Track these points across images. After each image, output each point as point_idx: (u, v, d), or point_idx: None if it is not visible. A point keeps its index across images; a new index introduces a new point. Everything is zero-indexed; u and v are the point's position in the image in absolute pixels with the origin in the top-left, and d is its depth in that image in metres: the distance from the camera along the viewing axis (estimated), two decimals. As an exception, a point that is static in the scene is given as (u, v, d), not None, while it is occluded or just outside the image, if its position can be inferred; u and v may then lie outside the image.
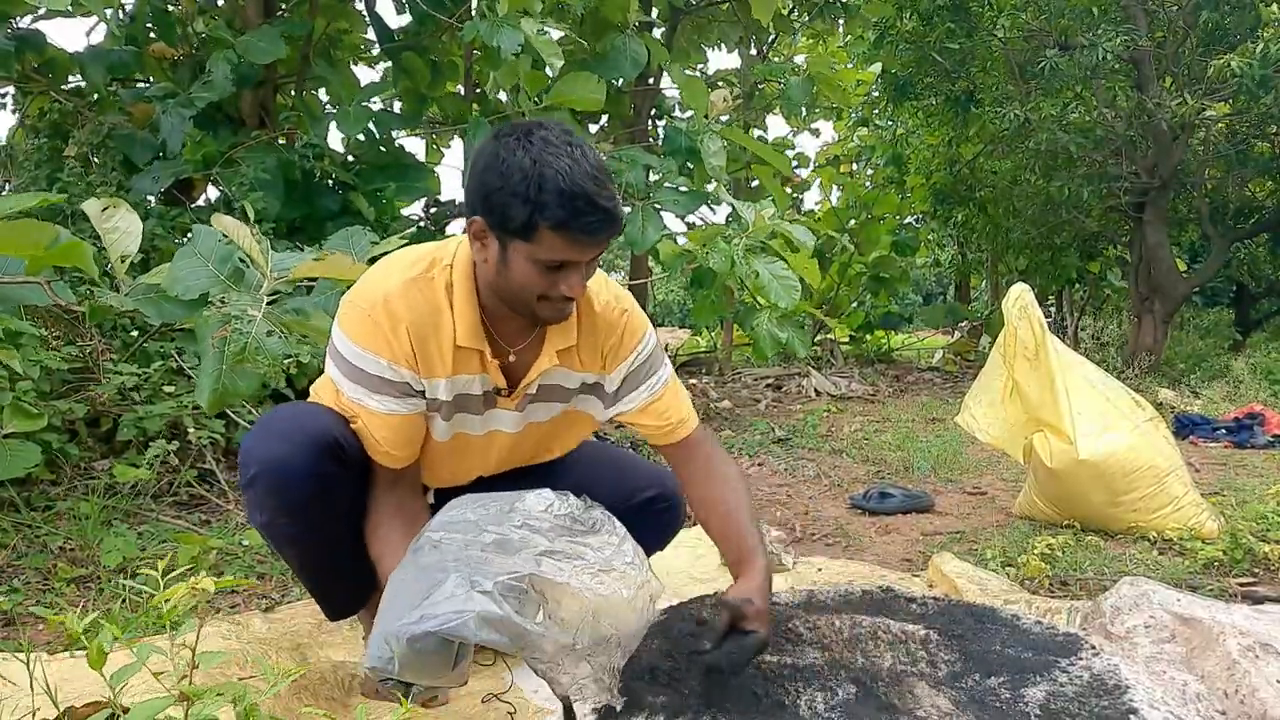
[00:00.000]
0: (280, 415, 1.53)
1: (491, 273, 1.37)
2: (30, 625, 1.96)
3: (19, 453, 2.37)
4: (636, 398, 1.60)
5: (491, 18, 3.77)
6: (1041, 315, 2.82)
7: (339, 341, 1.44)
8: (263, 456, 1.43)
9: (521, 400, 1.54)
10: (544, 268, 1.32)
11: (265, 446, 1.44)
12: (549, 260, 1.31)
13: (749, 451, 4.33)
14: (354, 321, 1.42)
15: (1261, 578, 2.31)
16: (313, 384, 1.64)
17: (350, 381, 1.44)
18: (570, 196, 1.25)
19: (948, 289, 14.72)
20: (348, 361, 1.43)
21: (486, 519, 1.25)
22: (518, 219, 1.27)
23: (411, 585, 1.16)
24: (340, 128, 4.65)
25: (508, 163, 1.27)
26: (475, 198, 1.33)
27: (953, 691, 1.43)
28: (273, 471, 1.42)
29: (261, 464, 1.43)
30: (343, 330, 1.43)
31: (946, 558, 2.33)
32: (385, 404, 1.44)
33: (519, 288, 1.35)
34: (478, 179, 1.32)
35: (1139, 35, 6.83)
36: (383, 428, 1.45)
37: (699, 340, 10.21)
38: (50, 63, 4.59)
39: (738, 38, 7.68)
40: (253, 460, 1.43)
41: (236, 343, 2.03)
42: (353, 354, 1.42)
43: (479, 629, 1.07)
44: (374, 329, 1.40)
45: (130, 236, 2.20)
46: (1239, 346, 9.97)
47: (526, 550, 1.20)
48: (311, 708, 1.45)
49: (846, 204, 10.45)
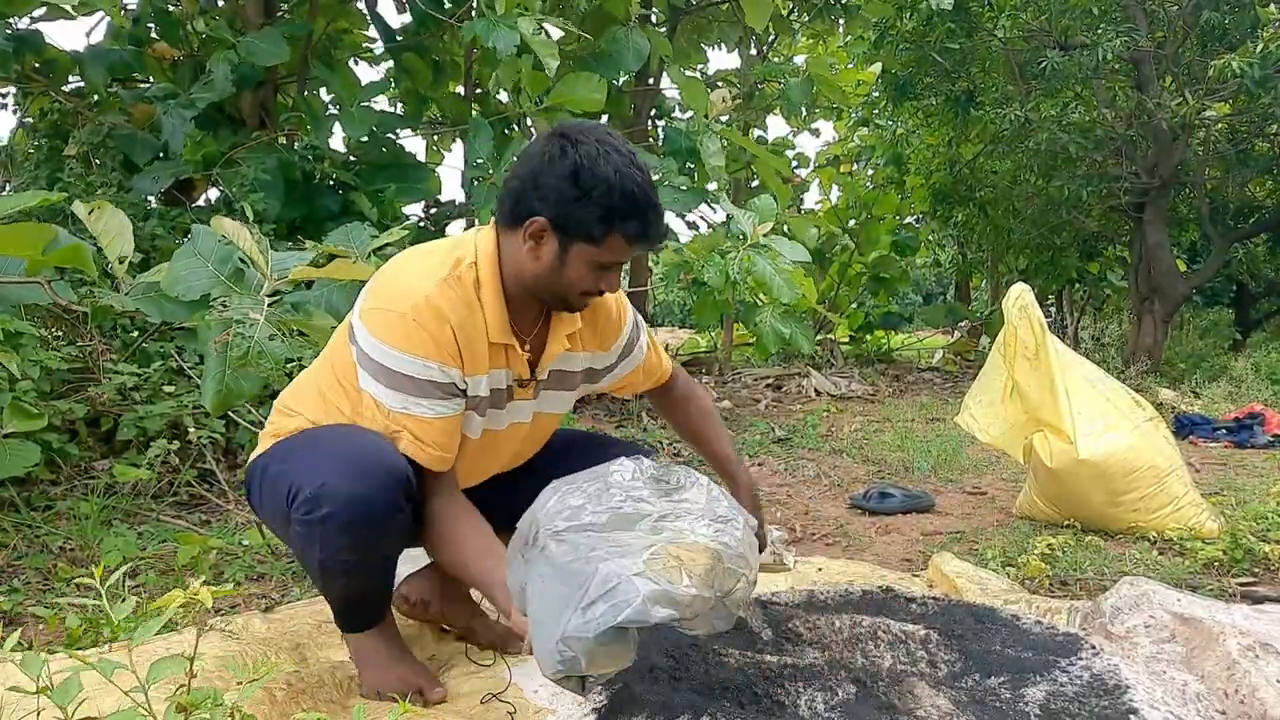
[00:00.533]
0: (345, 443, 1.43)
1: (541, 270, 1.44)
2: (30, 625, 1.96)
3: (19, 453, 2.37)
4: (631, 363, 1.75)
5: (490, 16, 3.77)
6: (1042, 315, 2.82)
7: (375, 351, 1.40)
8: (342, 495, 1.35)
9: (536, 389, 1.59)
10: (598, 267, 1.43)
11: (342, 483, 1.36)
12: (608, 261, 1.43)
13: (749, 451, 4.33)
14: (393, 327, 1.39)
15: (1261, 578, 2.31)
16: (286, 403, 1.59)
17: (392, 390, 1.40)
18: (645, 209, 1.39)
19: (948, 289, 14.72)
20: (389, 370, 1.39)
21: (590, 501, 1.24)
22: (593, 226, 1.38)
23: (559, 586, 1.16)
24: (344, 128, 4.66)
25: (591, 173, 1.36)
26: (541, 202, 1.39)
27: (953, 691, 1.43)
28: (353, 511, 1.36)
29: (340, 503, 1.35)
30: (380, 338, 1.40)
31: (946, 558, 2.33)
32: (434, 408, 1.42)
33: (569, 285, 1.44)
34: (549, 190, 1.38)
35: (1139, 35, 6.83)
36: (434, 432, 1.43)
37: (699, 340, 10.20)
38: (50, 63, 4.59)
39: (737, 38, 7.68)
40: (329, 498, 1.35)
41: (239, 347, 2.04)
42: (396, 361, 1.39)
43: (653, 609, 1.08)
44: (418, 332, 1.38)
45: (123, 236, 2.20)
46: (1239, 346, 9.97)
47: (644, 521, 1.21)
48: (309, 712, 1.45)
49: (846, 204, 10.44)
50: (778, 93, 6.92)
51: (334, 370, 1.54)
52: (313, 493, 1.36)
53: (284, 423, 1.57)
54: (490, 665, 1.68)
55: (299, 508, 1.38)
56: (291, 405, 1.58)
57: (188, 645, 1.08)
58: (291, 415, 1.57)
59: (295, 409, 1.57)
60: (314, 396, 1.56)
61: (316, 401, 1.55)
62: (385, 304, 1.41)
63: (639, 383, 1.82)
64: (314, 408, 1.54)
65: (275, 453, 1.52)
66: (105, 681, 1.01)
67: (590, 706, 1.45)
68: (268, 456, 1.53)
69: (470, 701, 1.52)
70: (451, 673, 1.64)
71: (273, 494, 1.47)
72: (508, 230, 1.47)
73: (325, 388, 1.55)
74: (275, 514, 1.49)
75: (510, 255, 1.47)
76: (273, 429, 1.59)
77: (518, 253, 1.45)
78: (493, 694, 1.54)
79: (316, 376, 1.59)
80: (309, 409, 1.55)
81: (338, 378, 1.53)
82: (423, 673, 1.56)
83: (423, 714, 1.47)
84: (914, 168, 10.09)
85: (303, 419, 1.54)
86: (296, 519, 1.39)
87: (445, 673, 1.65)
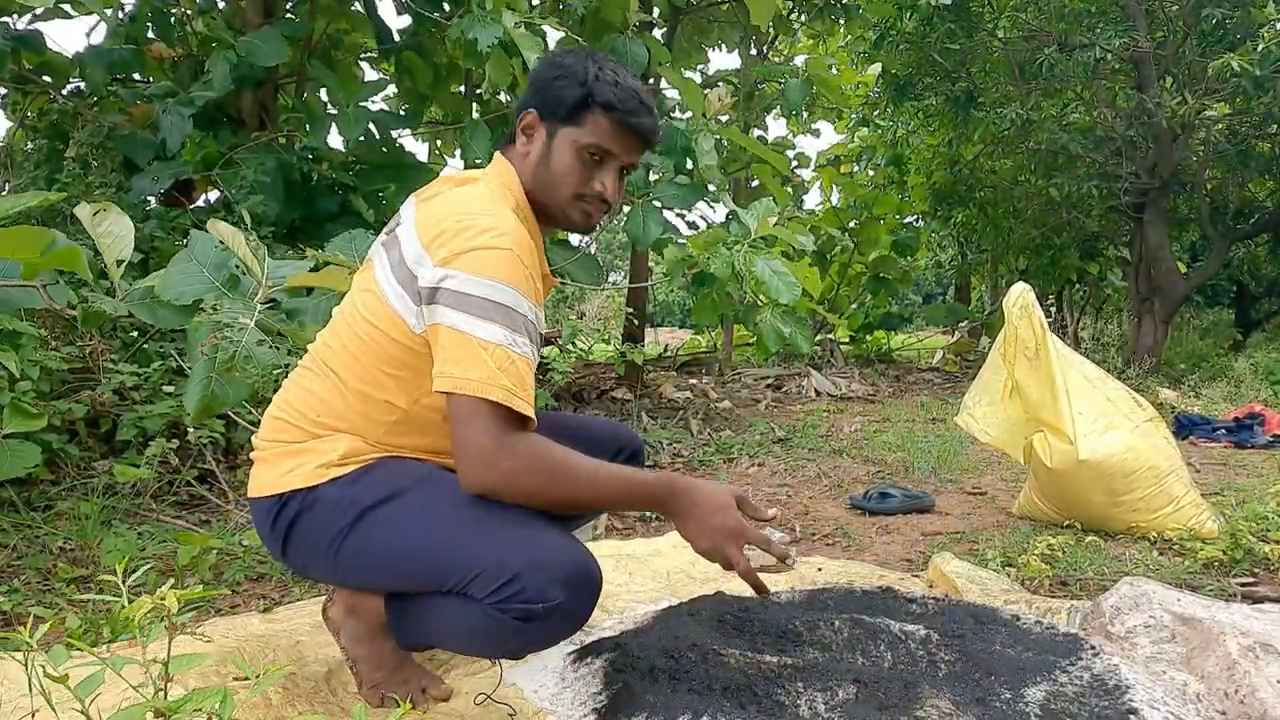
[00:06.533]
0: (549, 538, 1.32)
1: (534, 166, 1.44)
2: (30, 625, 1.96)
3: (19, 453, 2.37)
4: None
5: (477, 13, 3.78)
6: (1042, 315, 2.82)
7: (482, 287, 1.28)
8: (580, 554, 1.31)
9: None
10: (586, 156, 1.41)
11: (586, 592, 1.30)
12: (592, 146, 1.40)
13: (749, 451, 4.33)
14: (502, 264, 1.29)
15: (1261, 578, 2.31)
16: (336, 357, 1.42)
17: (498, 325, 1.28)
18: (622, 88, 1.40)
19: (948, 289, 14.71)
20: (499, 305, 1.28)
21: None
22: (570, 100, 1.39)
23: None
24: (339, 129, 4.65)
25: (568, 61, 1.42)
26: (530, 93, 1.45)
27: (953, 691, 1.43)
28: (579, 619, 1.33)
29: (568, 614, 1.30)
30: (488, 275, 1.28)
31: (947, 558, 2.33)
32: (530, 349, 1.32)
33: (559, 178, 1.42)
34: (536, 79, 1.45)
35: (1139, 35, 6.83)
36: (525, 376, 1.31)
37: (699, 340, 10.21)
38: (49, 64, 4.59)
39: (738, 38, 7.68)
40: (581, 608, 1.31)
41: (226, 351, 1.99)
42: (507, 296, 1.29)
43: None
44: (522, 271, 1.32)
45: (124, 240, 2.18)
46: (1239, 346, 9.97)
47: None
48: (307, 713, 1.45)
49: (847, 204, 10.45)
50: (778, 93, 6.92)
51: (376, 364, 1.38)
52: (571, 595, 1.28)
53: (328, 445, 1.40)
54: (490, 666, 1.68)
55: (510, 601, 1.27)
56: (323, 422, 1.41)
57: (188, 646, 1.08)
58: (335, 434, 1.41)
59: (330, 427, 1.41)
60: (345, 405, 1.41)
61: (355, 405, 1.40)
62: (485, 243, 1.30)
63: None
64: (352, 418, 1.41)
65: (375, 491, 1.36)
66: (103, 681, 1.01)
67: (590, 706, 1.45)
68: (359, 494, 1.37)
69: (469, 701, 1.51)
70: (451, 673, 1.64)
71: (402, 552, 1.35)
72: (513, 147, 1.47)
73: (362, 386, 1.40)
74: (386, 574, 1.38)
75: (518, 170, 1.45)
76: (317, 454, 1.40)
77: (519, 162, 1.45)
78: (487, 694, 1.54)
79: (339, 379, 1.41)
80: (347, 422, 1.41)
81: (381, 370, 1.38)
82: (424, 672, 1.55)
83: (423, 714, 1.47)
84: (914, 168, 10.10)
85: (348, 437, 1.40)
86: (507, 610, 1.27)
87: (445, 673, 1.64)
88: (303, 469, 1.39)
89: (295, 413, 1.43)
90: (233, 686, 1.43)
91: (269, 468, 1.43)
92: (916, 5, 7.26)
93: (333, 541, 1.37)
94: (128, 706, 0.97)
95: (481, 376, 1.26)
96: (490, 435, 1.27)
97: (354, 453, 1.40)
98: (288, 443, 1.43)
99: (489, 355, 1.27)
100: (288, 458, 1.41)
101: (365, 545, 1.36)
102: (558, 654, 1.70)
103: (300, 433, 1.42)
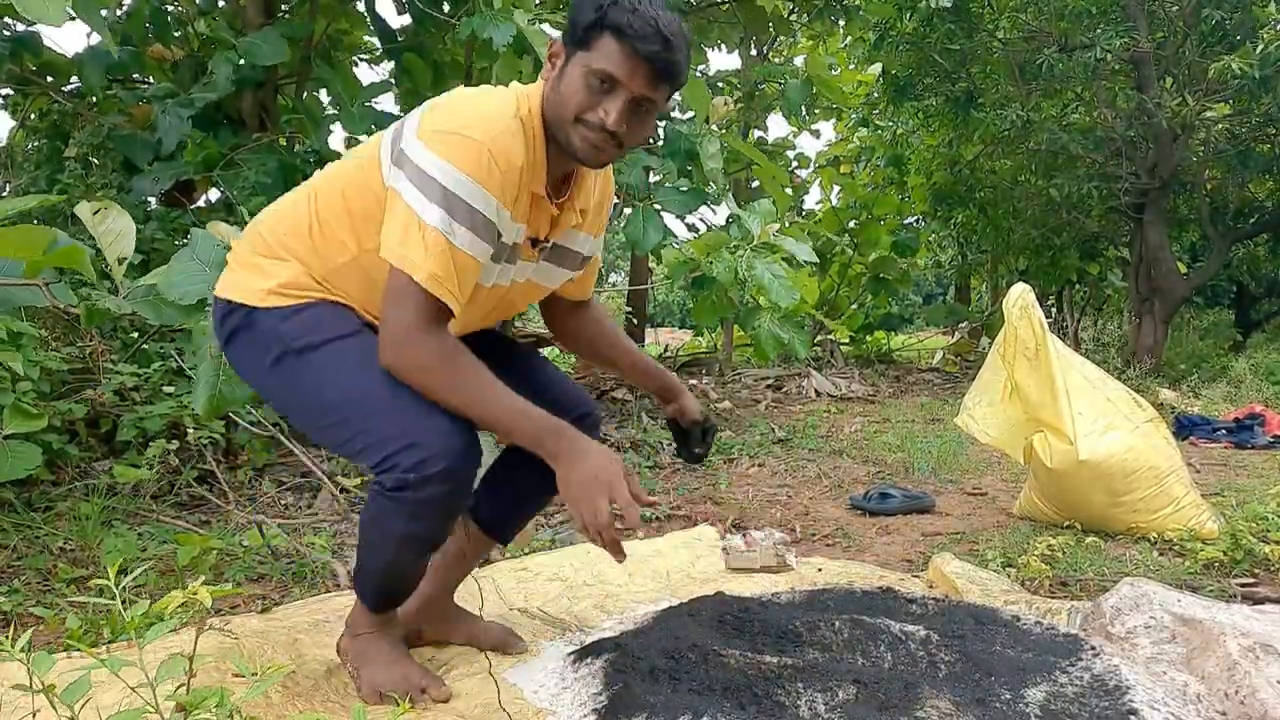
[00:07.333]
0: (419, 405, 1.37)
1: (550, 88, 1.41)
2: (30, 625, 1.96)
3: (19, 453, 2.36)
4: (591, 260, 1.71)
5: (486, 13, 3.78)
6: (1042, 315, 2.82)
7: (440, 170, 1.32)
8: (451, 448, 1.35)
9: (540, 255, 1.56)
10: (595, 82, 1.36)
11: (444, 432, 1.35)
12: (600, 71, 1.36)
13: (749, 452, 4.33)
14: (467, 152, 1.33)
15: (1262, 578, 2.31)
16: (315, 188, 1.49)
17: (443, 211, 1.32)
18: (639, 14, 1.33)
19: (948, 290, 14.72)
20: (449, 191, 1.32)
21: None
22: (584, 23, 1.36)
23: None
24: (344, 126, 4.65)
25: None
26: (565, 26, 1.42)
27: (953, 692, 1.43)
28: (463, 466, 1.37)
29: (451, 456, 1.35)
30: (449, 160, 1.32)
31: (947, 558, 2.33)
32: (474, 246, 1.35)
33: (565, 99, 1.38)
34: (573, 6, 1.40)
35: (1139, 35, 6.83)
36: (456, 269, 1.34)
37: (699, 341, 10.20)
38: (50, 64, 4.59)
39: (738, 38, 7.68)
40: (440, 452, 1.34)
41: None
42: (461, 186, 1.32)
43: None
44: (489, 166, 1.34)
45: (125, 239, 2.18)
46: (1239, 347, 9.97)
47: None
48: (306, 712, 1.45)
49: (846, 204, 10.45)
50: (778, 93, 6.92)
51: (345, 200, 1.45)
52: (418, 454, 1.33)
53: (275, 268, 1.47)
54: (490, 666, 1.68)
55: (391, 472, 1.34)
56: (283, 241, 1.48)
57: (187, 645, 1.08)
58: (283, 260, 1.47)
59: (286, 249, 1.48)
60: (308, 231, 1.47)
61: (315, 233, 1.46)
62: (460, 128, 1.34)
63: (579, 288, 1.75)
64: (306, 248, 1.47)
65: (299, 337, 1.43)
66: (104, 681, 1.01)
67: (590, 707, 1.45)
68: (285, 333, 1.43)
69: (470, 702, 1.51)
70: (452, 674, 1.64)
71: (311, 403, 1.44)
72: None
73: (328, 216, 1.46)
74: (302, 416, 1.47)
75: (542, 91, 1.44)
76: (264, 274, 1.47)
77: (542, 85, 1.44)
78: (495, 688, 1.54)
79: (316, 204, 1.48)
80: (301, 250, 1.47)
81: (348, 208, 1.45)
82: (424, 672, 1.55)
83: (423, 714, 1.47)
84: (914, 168, 10.10)
85: (296, 266, 1.47)
86: (387, 487, 1.36)
87: (445, 673, 1.64)
88: (249, 285, 1.48)
89: (267, 227, 1.52)
90: (232, 685, 1.43)
91: (229, 272, 1.54)
92: (916, 6, 7.26)
93: (262, 368, 1.47)
94: (127, 709, 0.97)
95: (417, 257, 1.32)
96: (408, 319, 1.34)
97: (295, 284, 1.46)
98: (249, 253, 1.52)
99: (426, 237, 1.32)
100: (242, 269, 1.51)
101: (290, 383, 1.46)
102: (558, 654, 1.71)
103: (264, 246, 1.50)
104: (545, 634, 1.85)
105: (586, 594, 2.14)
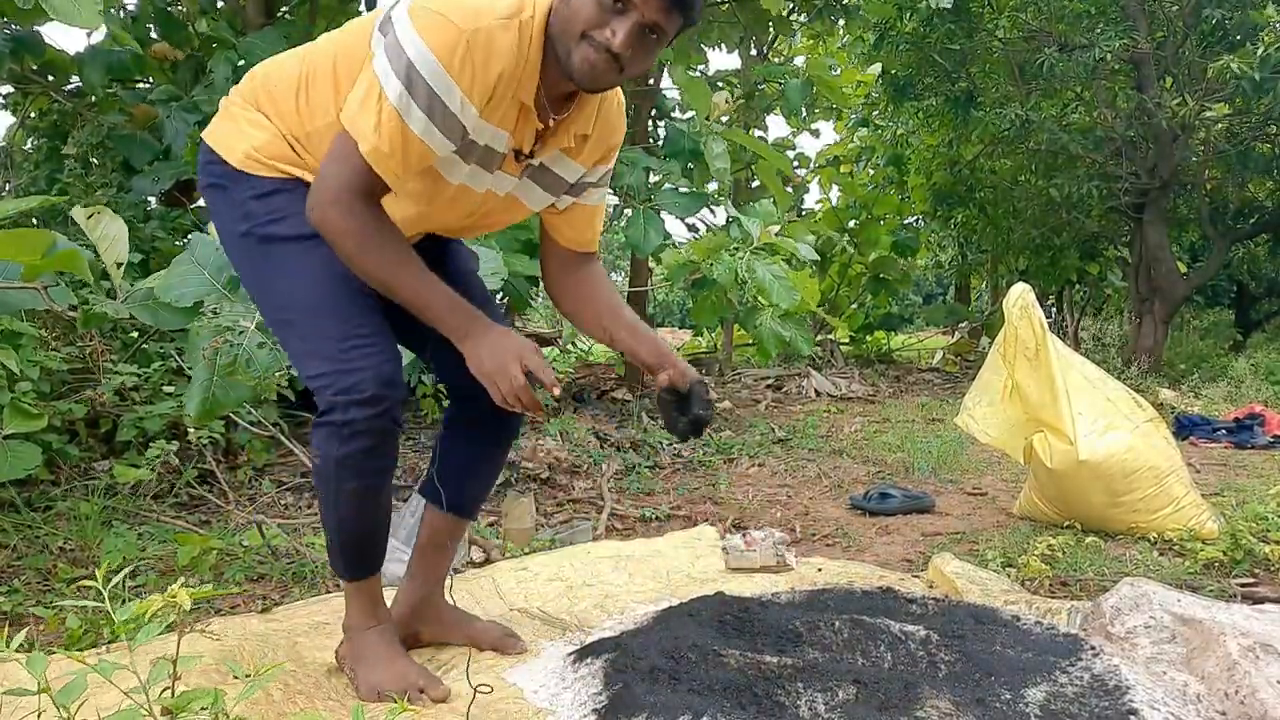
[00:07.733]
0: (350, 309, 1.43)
1: (559, 1, 1.37)
2: (30, 625, 1.96)
3: (19, 453, 2.36)
4: (591, 197, 1.66)
5: None
6: (1042, 315, 2.82)
7: (414, 47, 1.30)
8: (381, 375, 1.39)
9: (524, 170, 1.54)
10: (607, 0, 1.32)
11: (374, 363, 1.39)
12: None
13: (749, 452, 4.33)
14: (445, 37, 1.31)
15: (1262, 578, 2.31)
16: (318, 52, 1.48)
17: (404, 87, 1.31)
18: None
19: (948, 289, 14.72)
20: (414, 69, 1.30)
21: None
22: None
23: None
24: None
25: None
26: None
27: (953, 692, 1.43)
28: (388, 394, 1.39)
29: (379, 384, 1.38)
30: (427, 41, 1.30)
31: (947, 558, 2.33)
32: (428, 133, 1.34)
33: (575, 12, 1.34)
34: None
35: (1139, 36, 6.83)
36: (404, 150, 1.34)
37: (699, 341, 10.20)
38: (49, 64, 4.59)
39: (738, 38, 7.68)
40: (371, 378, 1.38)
41: (227, 355, 2.02)
42: (427, 66, 1.30)
43: None
44: (465, 56, 1.31)
45: (120, 242, 2.19)
46: (1239, 347, 9.97)
47: None
48: (305, 711, 1.45)
49: (846, 204, 10.44)
50: (778, 93, 6.92)
51: (334, 63, 1.45)
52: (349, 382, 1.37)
53: (253, 130, 1.48)
54: (490, 667, 1.68)
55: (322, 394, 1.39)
56: (271, 94, 1.48)
57: (187, 646, 1.08)
58: (264, 120, 1.48)
59: (272, 102, 1.48)
60: (295, 88, 1.46)
61: (293, 98, 1.46)
62: (448, 11, 1.32)
63: (572, 239, 1.68)
64: (290, 105, 1.46)
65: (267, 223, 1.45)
66: (104, 681, 1.01)
67: (590, 707, 1.45)
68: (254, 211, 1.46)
69: (466, 702, 1.51)
70: (451, 674, 1.64)
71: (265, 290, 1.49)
72: None
73: (317, 76, 1.46)
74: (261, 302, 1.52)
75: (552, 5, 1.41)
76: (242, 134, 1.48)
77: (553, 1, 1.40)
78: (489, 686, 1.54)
79: (309, 63, 1.48)
80: (285, 106, 1.47)
81: (335, 70, 1.44)
82: (422, 672, 1.55)
83: (422, 714, 1.47)
84: (914, 168, 10.10)
85: (272, 129, 1.47)
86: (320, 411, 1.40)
87: (444, 674, 1.64)
88: (230, 141, 1.49)
89: (262, 75, 1.52)
90: (231, 685, 1.43)
91: (219, 118, 1.54)
92: (916, 6, 7.26)
93: (232, 232, 1.50)
94: (126, 708, 0.97)
95: (367, 128, 1.33)
96: (342, 183, 1.35)
97: (269, 151, 1.47)
98: (239, 101, 1.52)
99: (383, 110, 1.32)
100: (228, 119, 1.52)
101: (251, 263, 1.50)
102: (558, 654, 1.70)
103: (253, 96, 1.51)
104: (545, 634, 1.85)
105: (586, 594, 2.14)
